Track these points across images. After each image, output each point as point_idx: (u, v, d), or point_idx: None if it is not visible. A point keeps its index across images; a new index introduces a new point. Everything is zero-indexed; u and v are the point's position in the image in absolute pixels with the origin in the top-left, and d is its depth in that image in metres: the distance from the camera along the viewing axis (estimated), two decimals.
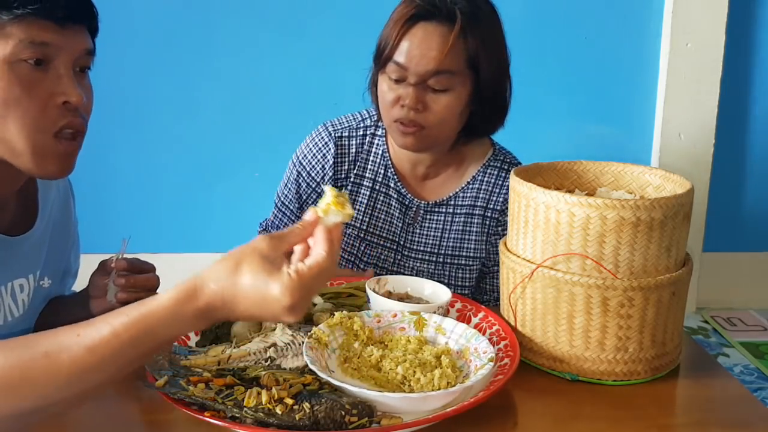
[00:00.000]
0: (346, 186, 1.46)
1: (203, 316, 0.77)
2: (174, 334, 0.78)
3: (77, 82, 0.98)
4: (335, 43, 2.61)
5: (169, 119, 2.71)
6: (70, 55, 0.97)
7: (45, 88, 0.95)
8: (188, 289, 0.76)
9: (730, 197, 2.89)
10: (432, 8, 1.27)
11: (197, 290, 0.76)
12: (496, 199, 1.44)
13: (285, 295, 0.75)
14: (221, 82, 2.69)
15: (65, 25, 0.95)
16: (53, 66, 0.95)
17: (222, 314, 0.78)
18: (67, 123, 0.97)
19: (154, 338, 0.76)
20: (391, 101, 1.31)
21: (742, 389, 1.02)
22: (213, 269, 0.77)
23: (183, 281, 0.77)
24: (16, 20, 0.92)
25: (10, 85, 0.92)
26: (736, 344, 2.66)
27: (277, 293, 0.75)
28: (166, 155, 2.72)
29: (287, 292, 0.75)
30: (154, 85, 2.67)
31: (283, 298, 0.75)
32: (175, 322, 0.76)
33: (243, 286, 0.76)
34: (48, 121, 0.95)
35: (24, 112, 0.94)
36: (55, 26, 0.94)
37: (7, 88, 0.92)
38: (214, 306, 0.76)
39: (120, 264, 1.14)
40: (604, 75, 2.71)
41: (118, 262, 1.14)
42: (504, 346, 1.03)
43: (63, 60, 0.96)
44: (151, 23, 2.61)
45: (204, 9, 2.63)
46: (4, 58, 0.92)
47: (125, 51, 2.61)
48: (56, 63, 0.96)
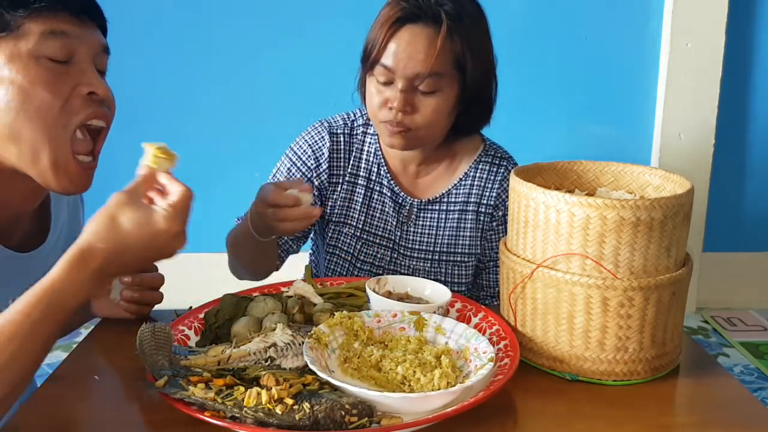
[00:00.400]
0: (342, 183, 1.45)
1: (102, 275, 0.85)
2: (81, 300, 0.85)
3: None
4: (335, 43, 2.61)
5: (169, 119, 2.71)
6: (90, 49, 0.98)
7: (69, 82, 0.95)
8: (78, 256, 0.83)
9: (730, 197, 2.89)
10: (417, 10, 1.27)
11: (87, 254, 0.83)
12: (489, 194, 1.44)
13: (170, 223, 0.85)
14: (221, 82, 2.69)
15: (81, 18, 0.96)
16: (75, 60, 0.96)
17: (117, 267, 0.86)
18: (93, 113, 0.97)
19: (64, 309, 0.84)
20: (378, 104, 1.31)
21: (742, 389, 1.02)
22: (91, 232, 0.84)
23: (67, 251, 0.84)
24: (33, 15, 0.93)
25: (35, 79, 0.93)
26: (736, 344, 2.66)
27: (163, 225, 0.85)
28: None
29: (171, 221, 0.85)
30: (154, 85, 2.68)
31: (170, 227, 0.85)
32: (78, 289, 0.84)
33: (129, 232, 0.84)
34: (71, 115, 0.95)
35: (48, 108, 0.94)
36: (72, 18, 0.95)
37: (32, 82, 0.93)
38: (108, 262, 0.84)
39: None
40: (604, 75, 2.72)
41: None
42: (504, 346, 1.03)
43: (84, 52, 0.97)
44: (150, 23, 2.61)
45: (204, 9, 2.63)
46: (28, 52, 0.93)
47: (125, 51, 2.60)
48: (78, 57, 0.96)
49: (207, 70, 2.68)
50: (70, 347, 2.40)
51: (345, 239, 1.46)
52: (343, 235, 1.46)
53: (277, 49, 2.66)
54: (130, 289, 1.14)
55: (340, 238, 1.47)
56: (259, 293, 1.18)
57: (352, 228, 1.46)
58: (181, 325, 1.08)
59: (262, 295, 1.15)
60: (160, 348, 0.93)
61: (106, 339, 1.16)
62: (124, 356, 1.04)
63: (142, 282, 1.15)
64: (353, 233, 1.46)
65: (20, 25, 0.92)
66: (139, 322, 0.97)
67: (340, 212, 1.46)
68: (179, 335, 1.05)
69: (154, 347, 0.93)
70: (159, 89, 2.69)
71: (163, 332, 0.95)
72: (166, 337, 0.95)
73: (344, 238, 1.46)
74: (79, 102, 0.96)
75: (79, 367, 1.07)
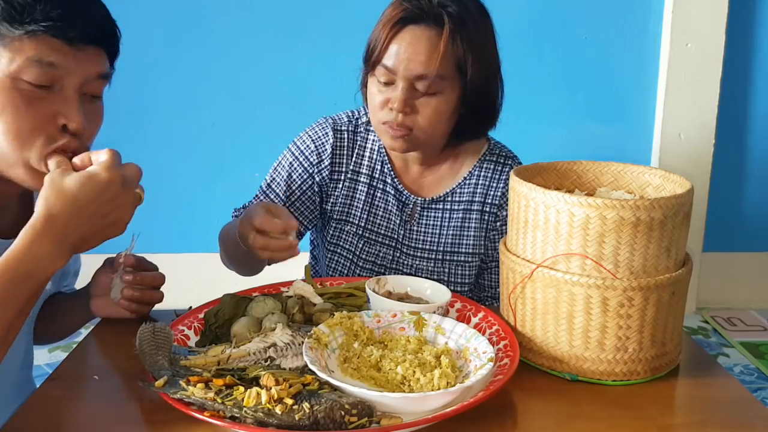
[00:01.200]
0: (344, 181, 1.45)
1: (67, 241, 0.88)
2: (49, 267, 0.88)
3: (84, 106, 0.98)
4: (335, 43, 2.62)
5: (169, 119, 2.71)
6: (79, 78, 0.96)
7: (48, 106, 0.95)
8: (35, 226, 0.87)
9: (730, 197, 2.89)
10: (420, 11, 1.27)
11: (43, 222, 0.87)
12: (494, 193, 1.44)
13: (110, 172, 0.88)
14: (221, 82, 2.69)
15: (78, 47, 0.95)
16: (61, 87, 0.95)
17: (78, 229, 0.88)
18: (63, 145, 0.96)
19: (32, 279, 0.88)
20: (379, 104, 1.31)
21: (742, 389, 1.02)
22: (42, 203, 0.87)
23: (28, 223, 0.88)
24: (28, 36, 0.92)
25: (11, 98, 0.93)
26: (736, 344, 2.66)
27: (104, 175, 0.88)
28: (166, 155, 2.72)
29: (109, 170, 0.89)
30: (154, 85, 2.68)
31: (111, 175, 0.88)
32: (41, 258, 0.87)
33: (76, 192, 0.87)
34: (43, 139, 0.95)
35: (16, 131, 0.94)
36: (67, 47, 0.94)
37: (7, 100, 0.92)
38: (66, 224, 0.87)
39: (128, 260, 1.14)
40: (604, 75, 2.72)
41: (127, 258, 1.15)
42: (504, 346, 1.03)
43: (71, 82, 0.96)
44: (150, 23, 2.61)
45: (204, 9, 2.63)
46: (10, 73, 0.92)
47: (125, 51, 2.61)
48: (64, 84, 0.95)
49: (207, 70, 2.68)
50: (70, 347, 2.40)
51: (347, 237, 1.46)
52: (345, 233, 1.46)
53: (278, 49, 2.66)
54: (131, 287, 1.14)
55: (341, 236, 1.46)
56: (258, 293, 1.18)
57: (354, 226, 1.46)
58: (180, 325, 1.08)
59: (262, 295, 1.15)
60: (159, 348, 0.94)
61: (106, 339, 1.16)
62: (124, 356, 1.03)
63: (143, 280, 1.15)
64: (355, 231, 1.46)
65: (14, 41, 0.92)
66: (139, 322, 0.97)
67: (342, 210, 1.46)
68: (179, 335, 1.05)
69: (153, 347, 0.93)
70: (159, 89, 2.69)
71: (163, 332, 0.95)
72: (165, 337, 0.95)
73: (346, 236, 1.46)
74: (54, 130, 0.96)
75: (79, 367, 1.07)
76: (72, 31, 0.93)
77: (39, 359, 2.39)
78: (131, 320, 1.16)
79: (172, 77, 2.68)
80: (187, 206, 2.76)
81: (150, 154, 2.70)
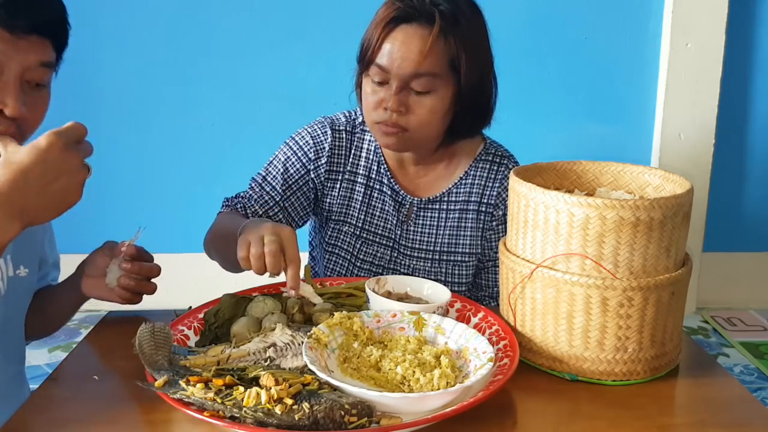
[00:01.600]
0: (341, 181, 1.45)
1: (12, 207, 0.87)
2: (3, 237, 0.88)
3: (25, 93, 0.99)
4: (335, 43, 2.61)
5: (169, 119, 2.71)
6: (19, 66, 0.98)
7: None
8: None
9: (730, 197, 2.89)
10: (412, 10, 1.27)
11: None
12: (490, 193, 1.44)
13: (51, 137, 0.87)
14: (221, 82, 2.69)
15: (20, 35, 0.96)
16: (1, 73, 0.96)
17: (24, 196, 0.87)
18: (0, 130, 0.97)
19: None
20: (373, 104, 1.31)
21: (742, 389, 1.02)
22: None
23: None
24: None
25: None
26: (736, 344, 2.66)
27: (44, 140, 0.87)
28: (166, 155, 2.72)
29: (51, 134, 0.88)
30: (153, 85, 2.68)
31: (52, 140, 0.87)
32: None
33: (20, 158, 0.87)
34: None
35: None
36: (8, 35, 0.95)
37: None
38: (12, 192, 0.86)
39: (130, 250, 1.15)
40: (604, 75, 2.72)
41: (129, 247, 1.16)
42: (503, 346, 1.03)
43: (12, 69, 0.97)
44: (150, 23, 2.61)
45: (204, 9, 2.63)
46: None
47: (125, 51, 2.61)
48: (4, 70, 0.97)
49: (207, 70, 2.68)
50: (69, 347, 2.40)
51: (344, 238, 1.46)
52: (343, 234, 1.46)
53: (278, 49, 2.66)
54: (128, 276, 1.15)
55: (339, 236, 1.47)
56: (258, 293, 1.18)
57: (351, 227, 1.46)
58: (180, 325, 1.08)
59: (262, 295, 1.15)
60: (159, 348, 0.94)
61: (106, 339, 1.16)
62: (123, 356, 1.03)
63: (140, 270, 1.16)
64: (353, 232, 1.46)
65: None
66: (138, 323, 0.97)
67: (340, 210, 1.46)
68: (179, 335, 1.06)
69: (153, 347, 0.93)
70: (159, 89, 2.69)
71: (163, 332, 0.95)
72: (165, 336, 0.95)
73: (344, 236, 1.46)
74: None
75: (78, 367, 1.07)
76: (13, 20, 0.95)
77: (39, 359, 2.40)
78: (131, 320, 1.16)
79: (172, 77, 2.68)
80: (187, 206, 2.76)
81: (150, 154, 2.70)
